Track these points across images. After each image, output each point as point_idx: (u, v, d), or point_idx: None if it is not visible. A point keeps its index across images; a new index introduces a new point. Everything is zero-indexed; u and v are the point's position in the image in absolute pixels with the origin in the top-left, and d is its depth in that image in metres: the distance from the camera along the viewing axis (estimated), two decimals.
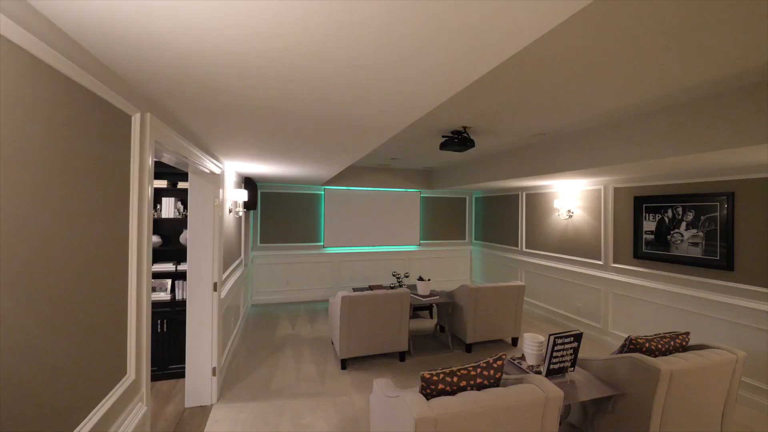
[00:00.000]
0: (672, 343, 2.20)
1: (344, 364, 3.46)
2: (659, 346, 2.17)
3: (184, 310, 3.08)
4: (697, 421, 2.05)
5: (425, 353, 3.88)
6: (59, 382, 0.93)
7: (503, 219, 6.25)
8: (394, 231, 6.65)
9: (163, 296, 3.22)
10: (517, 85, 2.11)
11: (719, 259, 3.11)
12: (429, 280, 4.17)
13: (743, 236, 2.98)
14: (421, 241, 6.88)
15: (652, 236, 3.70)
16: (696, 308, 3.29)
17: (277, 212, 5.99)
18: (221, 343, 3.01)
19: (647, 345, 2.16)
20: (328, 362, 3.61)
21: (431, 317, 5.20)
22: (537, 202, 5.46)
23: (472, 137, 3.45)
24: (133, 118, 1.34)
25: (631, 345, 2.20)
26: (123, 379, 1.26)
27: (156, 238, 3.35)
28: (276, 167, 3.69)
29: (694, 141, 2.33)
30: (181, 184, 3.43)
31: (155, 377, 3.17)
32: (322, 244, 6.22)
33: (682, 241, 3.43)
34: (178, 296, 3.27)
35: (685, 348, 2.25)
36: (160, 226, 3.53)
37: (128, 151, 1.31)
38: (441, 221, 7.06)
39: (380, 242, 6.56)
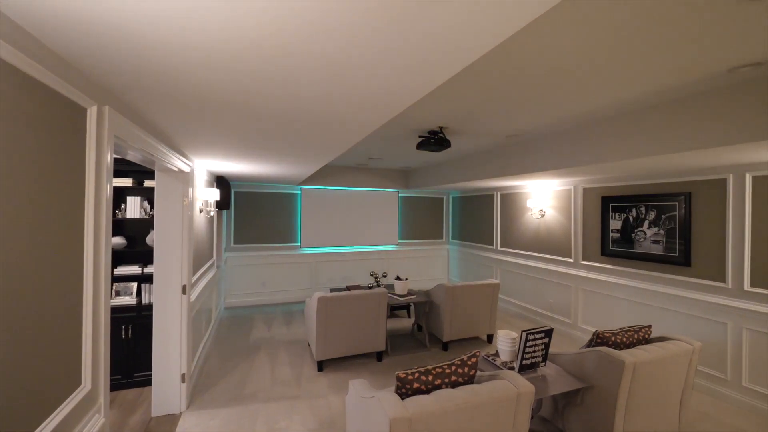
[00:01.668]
0: (635, 336, 2.31)
1: (321, 365, 3.41)
2: (624, 339, 2.27)
3: (151, 315, 2.93)
4: (658, 409, 2.16)
5: (402, 352, 3.89)
6: None
7: (479, 218, 6.37)
8: (373, 231, 6.64)
9: (128, 300, 3.06)
10: (490, 87, 2.15)
11: (678, 255, 3.30)
12: (406, 279, 4.18)
13: (699, 234, 3.17)
14: (400, 241, 6.90)
15: (618, 234, 3.87)
16: (657, 302, 3.47)
17: (252, 212, 5.84)
18: (191, 348, 2.89)
19: (613, 339, 2.25)
20: (304, 364, 3.55)
21: (409, 316, 5.23)
22: (511, 201, 5.59)
23: (448, 137, 3.48)
24: (89, 110, 1.25)
25: (598, 339, 2.29)
26: (77, 390, 1.18)
27: (120, 240, 3.18)
28: (249, 166, 3.59)
29: (656, 144, 2.46)
30: (147, 183, 3.27)
31: (120, 386, 3.00)
32: (298, 244, 6.11)
33: (645, 239, 3.61)
34: (145, 300, 3.11)
35: (647, 340, 2.36)
36: (124, 226, 3.35)
37: (83, 146, 1.22)
38: (419, 221, 7.11)
39: (358, 242, 6.52)
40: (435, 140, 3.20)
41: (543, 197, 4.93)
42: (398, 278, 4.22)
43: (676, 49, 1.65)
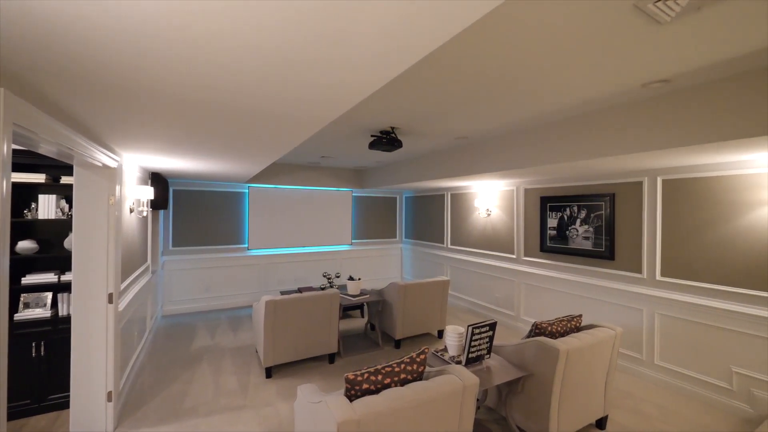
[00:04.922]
0: (568, 325, 2.50)
1: (269, 372, 3.27)
2: (559, 328, 2.45)
3: (70, 328, 2.60)
4: (587, 391, 2.37)
5: (355, 353, 3.86)
6: None
7: (431, 218, 6.54)
8: (326, 231, 6.52)
9: (41, 313, 2.68)
10: (437, 91, 2.20)
11: (604, 250, 3.65)
12: (359, 279, 4.16)
13: (621, 230, 3.54)
14: (354, 241, 6.85)
15: (555, 232, 4.20)
16: (587, 293, 3.81)
17: (194, 212, 5.43)
18: (119, 363, 2.61)
19: (549, 329, 2.43)
20: (251, 372, 3.37)
21: (362, 316, 5.21)
22: (461, 201, 5.82)
23: (399, 138, 3.52)
24: None
25: (536, 329, 2.45)
26: None
27: (30, 244, 2.77)
28: (188, 162, 3.33)
29: (585, 148, 2.69)
30: (65, 179, 2.89)
31: (30, 412, 2.62)
32: (246, 246, 5.81)
33: (577, 235, 3.95)
34: (62, 312, 2.75)
35: (578, 329, 2.58)
36: (36, 229, 2.93)
37: None
38: (373, 220, 7.13)
39: (311, 243, 6.37)
40: (387, 140, 3.22)
41: (490, 197, 5.19)
42: (351, 278, 4.18)
43: (597, 64, 1.82)
